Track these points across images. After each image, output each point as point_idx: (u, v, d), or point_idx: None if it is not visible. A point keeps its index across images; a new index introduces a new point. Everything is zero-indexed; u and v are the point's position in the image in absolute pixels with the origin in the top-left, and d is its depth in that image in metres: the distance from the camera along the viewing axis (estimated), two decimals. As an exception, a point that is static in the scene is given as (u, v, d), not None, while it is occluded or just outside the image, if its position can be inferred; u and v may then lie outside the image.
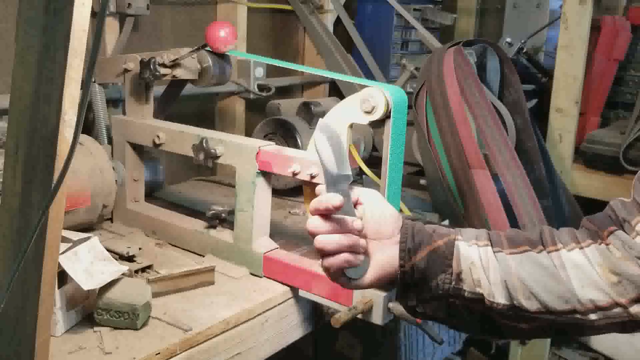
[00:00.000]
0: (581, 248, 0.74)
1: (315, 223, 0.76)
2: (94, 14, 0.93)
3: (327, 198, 0.76)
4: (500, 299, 0.75)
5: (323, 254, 0.76)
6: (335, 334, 1.74)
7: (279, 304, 1.01)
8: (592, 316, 0.72)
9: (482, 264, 0.77)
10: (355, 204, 0.83)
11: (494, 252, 0.77)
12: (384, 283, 0.83)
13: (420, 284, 0.79)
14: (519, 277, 0.75)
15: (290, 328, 1.03)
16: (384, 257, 0.80)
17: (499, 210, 1.23)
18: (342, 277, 0.79)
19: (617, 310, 0.71)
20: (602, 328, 0.73)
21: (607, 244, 0.73)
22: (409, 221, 0.82)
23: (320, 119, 0.84)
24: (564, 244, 0.75)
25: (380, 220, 0.81)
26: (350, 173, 0.78)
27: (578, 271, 0.73)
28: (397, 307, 0.86)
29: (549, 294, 0.73)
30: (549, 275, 0.74)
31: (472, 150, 1.24)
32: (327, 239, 0.75)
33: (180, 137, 1.15)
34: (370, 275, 0.80)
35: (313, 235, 0.78)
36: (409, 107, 1.01)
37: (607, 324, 0.73)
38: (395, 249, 0.80)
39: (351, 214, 0.76)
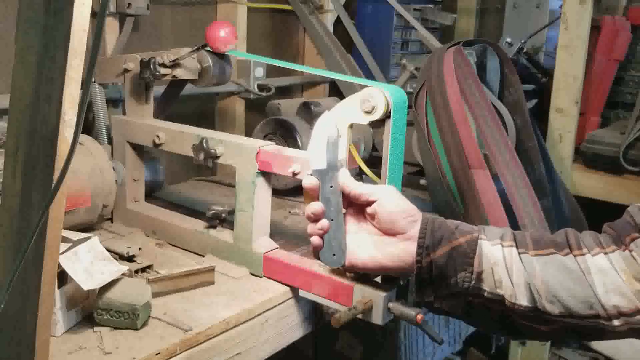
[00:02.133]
0: (605, 253, 0.74)
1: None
2: (94, 14, 0.93)
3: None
4: (522, 301, 0.75)
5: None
6: (335, 334, 1.74)
7: (279, 304, 1.01)
8: (615, 322, 0.72)
9: (506, 264, 0.76)
10: (369, 203, 0.85)
11: (519, 253, 0.77)
12: (388, 272, 0.85)
13: (439, 280, 0.79)
14: (543, 280, 0.74)
15: (290, 328, 1.03)
16: (396, 250, 0.82)
17: (499, 210, 1.23)
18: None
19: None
20: (622, 333, 0.73)
21: (629, 251, 0.73)
22: (429, 216, 0.83)
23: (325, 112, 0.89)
24: (588, 249, 0.75)
25: (393, 216, 0.83)
26: (334, 164, 0.88)
27: (603, 276, 0.72)
28: (397, 307, 0.86)
29: (573, 298, 0.73)
30: (574, 279, 0.73)
31: (472, 150, 1.24)
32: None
33: (180, 137, 1.15)
34: (370, 260, 0.83)
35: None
36: (409, 107, 1.01)
37: (628, 329, 0.72)
38: (407, 244, 0.81)
39: (332, 199, 0.87)
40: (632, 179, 1.67)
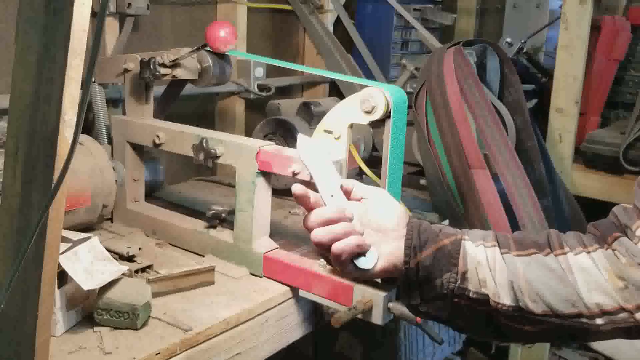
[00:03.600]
0: (588, 252, 0.74)
1: (312, 218, 0.80)
2: (94, 14, 0.93)
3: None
4: (506, 300, 0.75)
5: (329, 241, 0.78)
6: (335, 334, 1.73)
7: (279, 304, 1.01)
8: (599, 321, 0.72)
9: (489, 264, 0.76)
10: (360, 199, 0.84)
11: (502, 253, 0.77)
12: (390, 275, 0.84)
13: (425, 282, 0.79)
14: (525, 278, 0.74)
15: (290, 328, 1.03)
16: (390, 249, 0.81)
17: (499, 210, 1.23)
18: (350, 264, 0.80)
19: (623, 315, 0.71)
20: (607, 333, 0.73)
21: (613, 250, 0.73)
22: (414, 219, 0.83)
23: (299, 135, 0.87)
24: (571, 248, 0.75)
25: (384, 213, 0.82)
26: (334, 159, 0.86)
27: (585, 274, 0.72)
28: (397, 307, 0.86)
29: (556, 296, 0.73)
30: (556, 278, 0.73)
31: (472, 150, 1.24)
32: (331, 227, 0.78)
33: (180, 137, 1.15)
34: (377, 265, 0.81)
35: (311, 228, 0.80)
36: (409, 107, 1.01)
37: (613, 329, 0.72)
38: (400, 242, 0.80)
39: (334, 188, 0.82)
40: (632, 179, 1.66)
